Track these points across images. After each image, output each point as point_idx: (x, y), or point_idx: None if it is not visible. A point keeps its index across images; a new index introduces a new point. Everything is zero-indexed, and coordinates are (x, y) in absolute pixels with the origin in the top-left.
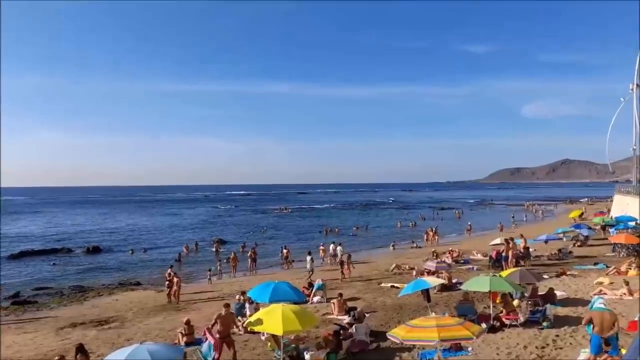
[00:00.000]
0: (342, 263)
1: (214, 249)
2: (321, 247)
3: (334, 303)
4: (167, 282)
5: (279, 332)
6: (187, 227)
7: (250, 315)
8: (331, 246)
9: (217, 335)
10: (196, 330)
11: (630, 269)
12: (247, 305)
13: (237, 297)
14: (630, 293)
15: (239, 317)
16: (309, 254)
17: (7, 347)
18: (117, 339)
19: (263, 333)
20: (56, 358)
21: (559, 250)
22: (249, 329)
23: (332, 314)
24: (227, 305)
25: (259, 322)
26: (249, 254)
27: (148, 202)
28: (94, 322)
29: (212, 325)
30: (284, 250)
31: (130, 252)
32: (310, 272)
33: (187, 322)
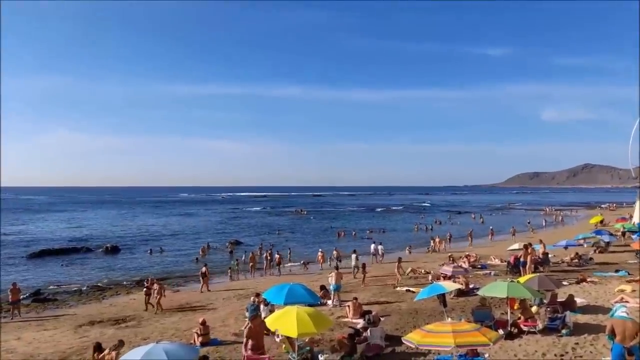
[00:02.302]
0: (363, 267)
1: (228, 250)
2: (320, 253)
3: (349, 306)
4: (145, 289)
5: (293, 334)
6: (203, 228)
7: (265, 317)
8: (372, 246)
9: (249, 352)
10: (211, 331)
11: None
12: (262, 307)
13: (251, 298)
14: None
15: None
16: (354, 251)
17: (28, 344)
18: (134, 338)
19: (278, 335)
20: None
21: (580, 256)
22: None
23: (347, 317)
24: (255, 317)
25: (274, 323)
26: (264, 256)
27: (165, 203)
28: (111, 320)
29: (245, 344)
30: (276, 256)
31: (149, 252)
32: (356, 270)
33: (203, 323)
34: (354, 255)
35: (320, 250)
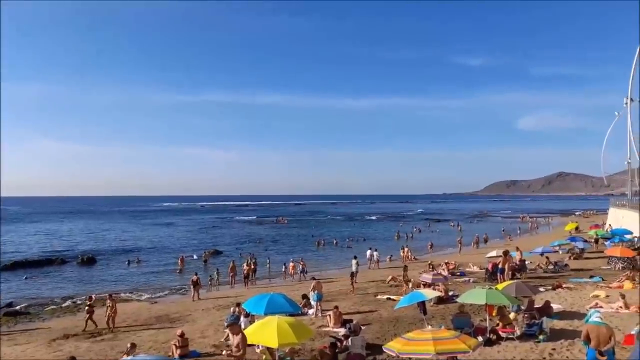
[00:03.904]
0: (353, 274)
1: (202, 259)
2: (291, 264)
3: (329, 315)
4: (87, 307)
5: (274, 344)
6: (182, 238)
7: (245, 328)
8: (367, 252)
9: None
10: (190, 343)
11: (626, 281)
12: (242, 317)
13: (232, 309)
14: (627, 306)
15: None
16: (355, 257)
17: None
18: (110, 352)
19: (258, 345)
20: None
21: (551, 262)
22: None
23: (328, 326)
24: (231, 325)
25: (254, 334)
26: (244, 265)
27: (144, 212)
28: (86, 333)
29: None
30: (245, 266)
31: (127, 263)
32: (353, 274)
33: (182, 334)
34: (354, 261)
35: (291, 260)
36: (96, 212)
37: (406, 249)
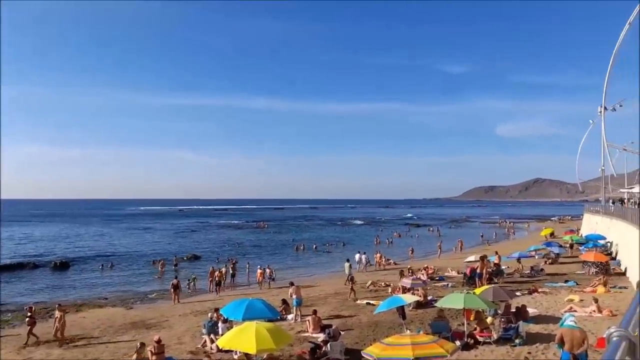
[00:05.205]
0: (352, 279)
1: (173, 264)
2: (259, 270)
3: (308, 320)
4: (27, 319)
5: (252, 350)
6: (159, 243)
7: (222, 334)
8: (357, 255)
9: None
10: (166, 349)
11: (599, 286)
12: (220, 323)
13: (209, 314)
14: (599, 310)
15: (212, 336)
16: (348, 260)
17: None
18: (82, 358)
19: (236, 352)
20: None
21: (531, 267)
22: (221, 347)
23: (307, 331)
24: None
25: (232, 340)
26: (223, 270)
27: (120, 216)
28: (65, 339)
29: None
30: (217, 273)
31: (100, 267)
32: (349, 277)
33: (158, 341)
34: (347, 264)
35: (259, 267)
36: (71, 215)
37: (378, 255)
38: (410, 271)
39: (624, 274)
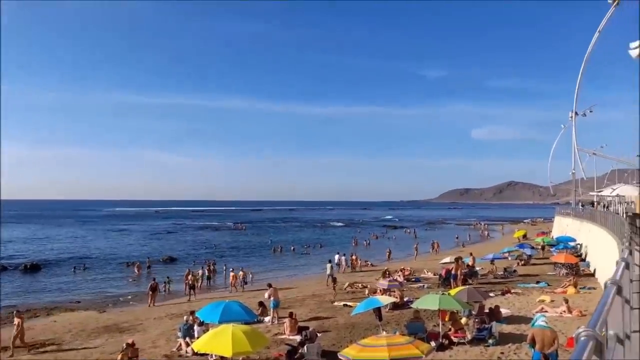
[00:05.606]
0: (334, 279)
1: (146, 266)
2: (232, 273)
3: (285, 323)
4: None
5: (228, 353)
6: (133, 244)
7: (198, 337)
8: (336, 256)
9: None
10: (141, 353)
11: (570, 287)
12: (196, 326)
13: (185, 317)
14: (569, 311)
15: (187, 339)
16: (330, 261)
17: None
18: None
19: (211, 355)
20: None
21: (505, 268)
22: (196, 350)
23: (284, 333)
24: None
25: (208, 343)
26: (199, 274)
27: (94, 218)
28: (28, 345)
29: None
30: (190, 276)
31: (73, 270)
32: (330, 277)
33: (132, 344)
34: (329, 265)
35: (232, 269)
36: (44, 216)
37: (354, 256)
38: (387, 273)
39: (593, 275)
